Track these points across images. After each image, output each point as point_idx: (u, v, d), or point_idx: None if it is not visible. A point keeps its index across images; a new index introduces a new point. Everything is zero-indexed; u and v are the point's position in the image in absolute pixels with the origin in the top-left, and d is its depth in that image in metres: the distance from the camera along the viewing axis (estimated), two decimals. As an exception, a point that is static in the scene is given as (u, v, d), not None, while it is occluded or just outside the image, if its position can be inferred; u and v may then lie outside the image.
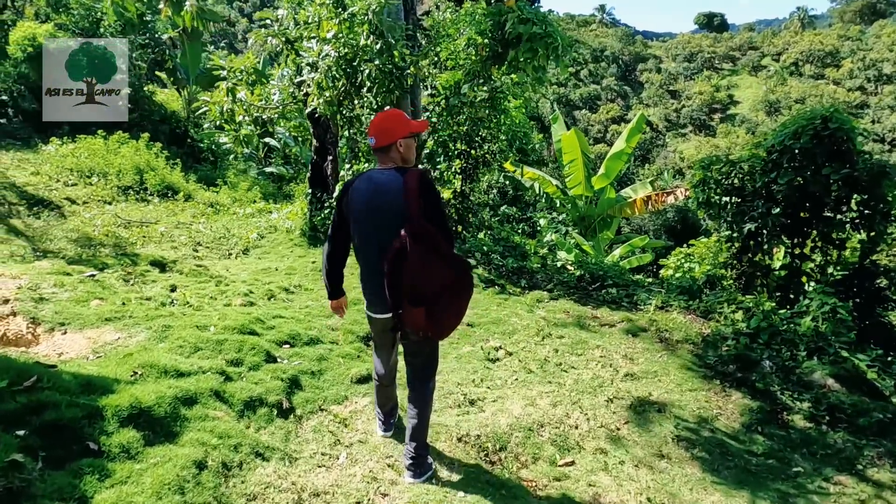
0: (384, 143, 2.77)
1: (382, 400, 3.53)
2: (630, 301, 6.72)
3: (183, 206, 9.42)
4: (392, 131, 2.78)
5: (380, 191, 2.74)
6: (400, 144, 2.79)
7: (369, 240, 2.80)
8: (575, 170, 12.85)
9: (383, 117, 2.83)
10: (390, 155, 2.81)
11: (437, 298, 2.65)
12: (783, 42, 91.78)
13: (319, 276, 6.75)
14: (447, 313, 2.74)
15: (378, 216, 2.73)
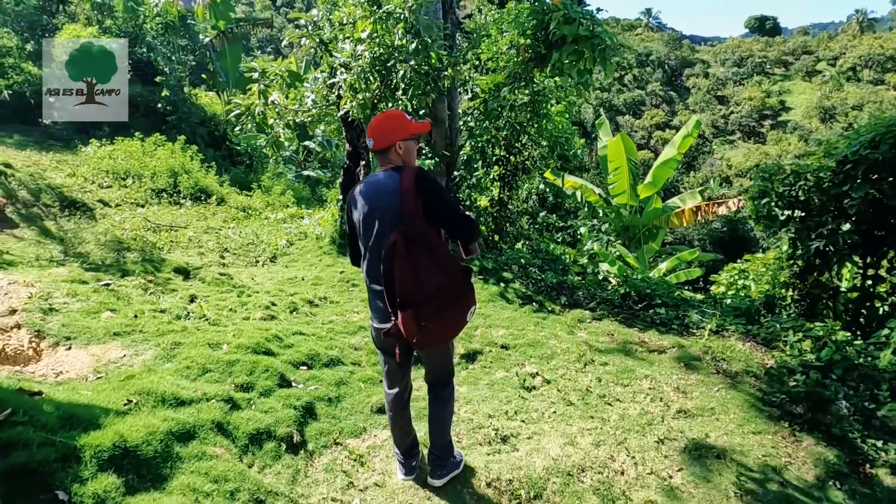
0: (383, 146, 2.66)
1: (399, 435, 3.14)
2: (681, 323, 6.15)
3: (215, 210, 9.28)
4: (391, 133, 2.66)
5: (377, 192, 2.63)
6: (399, 146, 2.68)
7: (369, 244, 2.67)
8: (620, 177, 12.24)
9: (383, 118, 2.70)
10: (389, 157, 2.69)
11: (425, 302, 2.45)
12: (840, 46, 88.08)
13: (346, 287, 6.43)
14: (435, 320, 2.49)
15: (375, 218, 2.62)
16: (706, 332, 5.76)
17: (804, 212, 7.03)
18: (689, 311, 6.68)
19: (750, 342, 5.55)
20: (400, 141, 2.67)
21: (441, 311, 2.49)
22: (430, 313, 2.46)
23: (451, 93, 8.18)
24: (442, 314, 2.51)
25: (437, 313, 2.48)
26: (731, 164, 69.30)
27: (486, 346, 5.12)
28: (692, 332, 5.97)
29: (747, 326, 5.96)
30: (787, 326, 5.58)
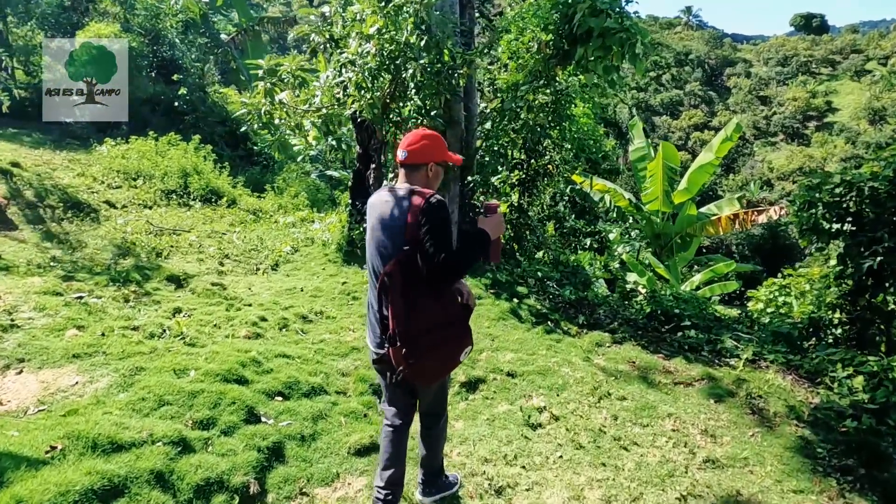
0: (416, 161, 2.54)
1: (387, 458, 2.78)
2: (712, 349, 5.53)
3: (223, 212, 9.00)
4: (429, 152, 2.56)
5: (389, 209, 2.48)
6: (431, 168, 2.58)
7: (370, 258, 2.59)
8: (654, 183, 11.55)
9: (424, 135, 2.59)
10: (417, 175, 2.56)
11: (418, 338, 2.34)
12: (892, 45, 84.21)
13: (346, 300, 6.00)
14: (426, 357, 2.38)
15: (379, 234, 2.50)
16: (741, 361, 5.14)
17: (855, 225, 6.33)
18: (723, 333, 6.04)
19: (791, 376, 4.90)
20: (434, 163, 2.58)
21: (434, 349, 2.39)
22: (422, 351, 2.34)
23: (468, 92, 7.69)
24: (434, 353, 2.40)
25: (429, 351, 2.37)
26: (772, 166, 66.88)
27: (491, 373, 4.62)
28: (725, 359, 5.35)
29: (788, 356, 5.31)
30: (835, 359, 4.92)
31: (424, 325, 2.33)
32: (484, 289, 6.46)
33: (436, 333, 2.36)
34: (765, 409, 4.35)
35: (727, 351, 5.53)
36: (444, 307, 2.41)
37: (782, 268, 21.14)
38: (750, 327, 7.39)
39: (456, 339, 2.46)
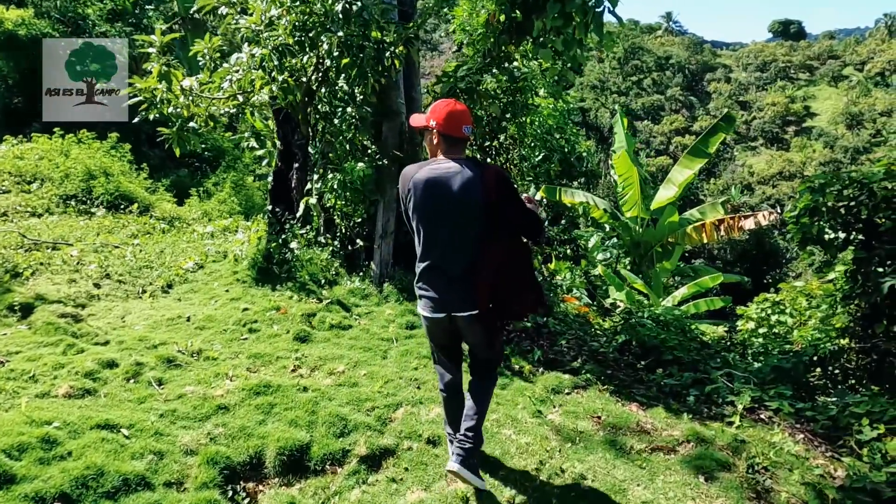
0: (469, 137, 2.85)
1: (452, 413, 3.10)
2: (700, 392, 4.38)
3: (129, 220, 7.71)
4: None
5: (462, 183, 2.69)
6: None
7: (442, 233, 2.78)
8: (630, 189, 10.46)
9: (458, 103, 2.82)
10: (464, 148, 2.85)
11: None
12: (868, 51, 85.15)
13: (241, 332, 4.75)
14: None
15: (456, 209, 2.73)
16: (737, 411, 3.98)
17: (868, 235, 5.25)
18: (712, 370, 4.90)
19: (803, 434, 3.75)
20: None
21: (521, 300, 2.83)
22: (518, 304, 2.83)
23: (408, 77, 6.51)
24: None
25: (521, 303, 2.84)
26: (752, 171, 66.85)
27: (405, 440, 3.41)
28: (716, 407, 4.20)
29: (795, 402, 4.17)
30: (857, 411, 3.78)
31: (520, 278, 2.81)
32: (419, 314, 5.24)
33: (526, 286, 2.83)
34: (773, 490, 3.18)
35: (719, 395, 4.38)
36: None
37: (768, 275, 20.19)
38: (742, 355, 6.28)
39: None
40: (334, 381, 3.96)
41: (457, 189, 2.65)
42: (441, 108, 2.74)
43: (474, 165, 2.70)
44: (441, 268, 2.78)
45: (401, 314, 5.18)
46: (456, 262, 2.74)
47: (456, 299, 2.76)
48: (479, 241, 2.69)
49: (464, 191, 2.64)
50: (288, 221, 6.29)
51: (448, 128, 2.71)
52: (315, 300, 5.31)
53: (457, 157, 2.73)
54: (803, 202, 5.43)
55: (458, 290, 2.75)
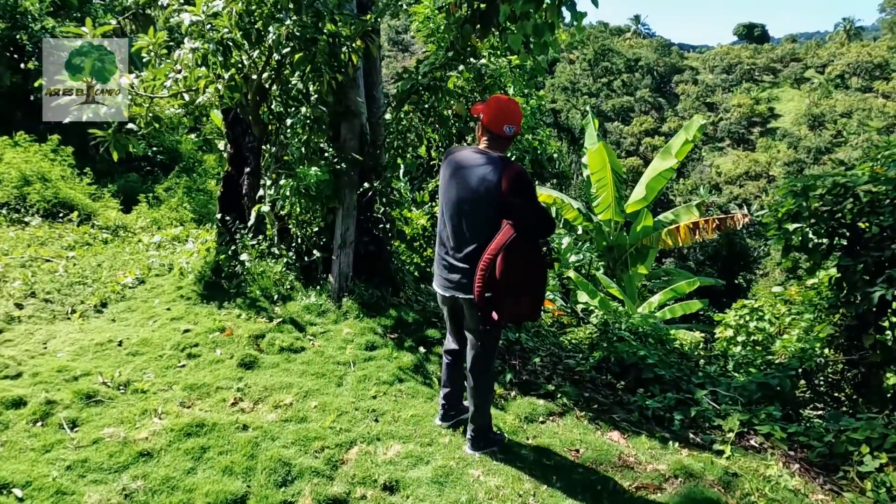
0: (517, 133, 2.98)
1: (444, 380, 3.49)
2: (685, 415, 4.04)
3: (67, 230, 7.08)
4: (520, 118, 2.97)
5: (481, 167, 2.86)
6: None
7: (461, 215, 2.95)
8: (603, 190, 10.16)
9: (519, 106, 2.99)
10: (505, 144, 3.00)
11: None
12: (828, 54, 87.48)
13: (179, 359, 4.24)
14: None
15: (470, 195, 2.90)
16: (729, 438, 3.65)
17: (852, 241, 5.02)
18: (695, 388, 4.57)
19: (798, 464, 3.43)
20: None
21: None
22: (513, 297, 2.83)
23: (369, 74, 6.06)
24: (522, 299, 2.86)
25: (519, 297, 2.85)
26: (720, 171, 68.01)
27: (359, 486, 2.96)
28: (703, 433, 3.86)
29: (787, 426, 3.85)
30: (855, 437, 3.46)
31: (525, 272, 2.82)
32: (382, 333, 4.80)
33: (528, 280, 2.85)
34: (772, 534, 2.83)
35: (704, 418, 4.05)
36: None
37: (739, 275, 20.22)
38: (723, 368, 6.00)
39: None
40: (280, 416, 3.49)
41: (476, 178, 2.82)
42: (492, 102, 2.96)
43: (500, 161, 2.83)
44: (448, 248, 2.99)
45: (360, 333, 4.73)
46: (461, 245, 2.91)
47: (456, 281, 2.96)
48: (488, 232, 2.79)
49: (481, 181, 2.80)
50: (238, 231, 5.78)
51: (491, 122, 2.90)
52: (265, 319, 4.83)
53: (492, 150, 2.91)
54: (786, 206, 5.15)
55: (460, 273, 2.93)
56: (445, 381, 3.49)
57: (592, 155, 9.91)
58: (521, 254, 2.75)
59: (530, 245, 2.80)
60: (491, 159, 2.84)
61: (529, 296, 2.85)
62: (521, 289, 2.81)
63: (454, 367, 3.43)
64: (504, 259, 2.72)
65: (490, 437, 3.33)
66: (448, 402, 3.53)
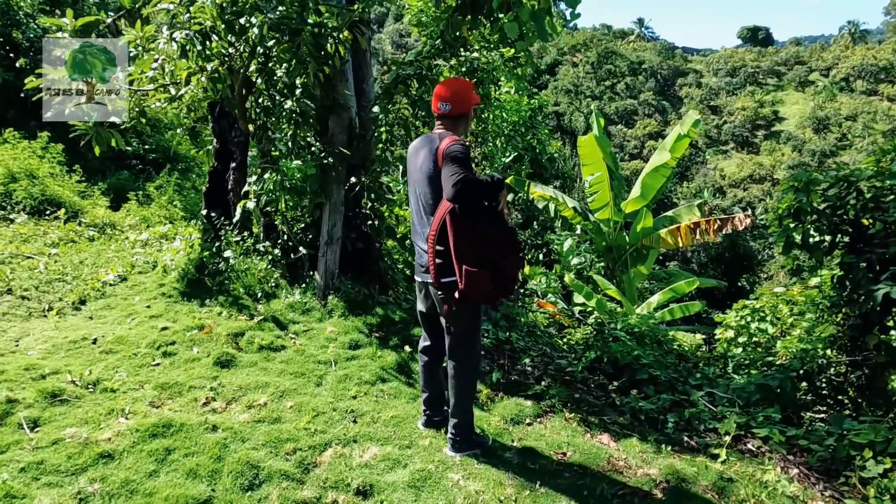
0: (460, 111, 2.87)
1: (423, 383, 3.31)
2: (679, 417, 3.86)
3: (53, 227, 6.95)
4: (468, 98, 2.89)
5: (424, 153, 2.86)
6: (471, 114, 2.99)
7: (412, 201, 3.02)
8: (599, 187, 9.98)
9: (457, 82, 2.96)
10: (458, 126, 2.92)
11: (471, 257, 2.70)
12: (832, 57, 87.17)
13: (153, 357, 4.09)
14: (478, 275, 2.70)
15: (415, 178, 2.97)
16: (722, 438, 3.48)
17: (855, 238, 4.85)
18: (692, 389, 4.40)
19: (797, 469, 3.25)
20: (471, 109, 2.92)
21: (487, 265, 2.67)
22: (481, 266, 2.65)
23: (359, 67, 5.91)
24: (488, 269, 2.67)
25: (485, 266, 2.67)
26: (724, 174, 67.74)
27: (330, 491, 2.80)
28: (698, 436, 3.68)
29: (786, 429, 3.67)
30: (858, 441, 3.28)
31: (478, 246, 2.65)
32: (367, 331, 4.65)
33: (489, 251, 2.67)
34: (769, 544, 2.66)
35: (700, 420, 3.87)
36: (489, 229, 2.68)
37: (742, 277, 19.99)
38: (723, 369, 5.82)
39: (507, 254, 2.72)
40: (252, 417, 3.34)
41: (420, 160, 2.84)
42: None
43: (437, 138, 2.80)
44: (414, 234, 3.00)
45: (344, 332, 4.57)
46: (423, 228, 2.90)
47: (420, 266, 2.98)
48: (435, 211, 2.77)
49: (423, 161, 2.81)
50: (224, 227, 5.64)
51: (433, 103, 2.92)
52: (246, 317, 4.68)
53: (438, 130, 2.90)
54: (786, 202, 4.98)
55: (422, 256, 2.92)
56: (424, 384, 3.31)
57: (583, 145, 9.64)
58: (463, 226, 2.63)
59: (468, 215, 2.65)
60: (430, 139, 2.85)
61: (488, 269, 2.66)
62: (476, 262, 2.64)
63: (431, 366, 3.25)
64: (453, 234, 2.64)
65: (472, 439, 3.16)
66: (430, 408, 3.36)
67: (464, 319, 2.93)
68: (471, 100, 2.90)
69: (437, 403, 3.36)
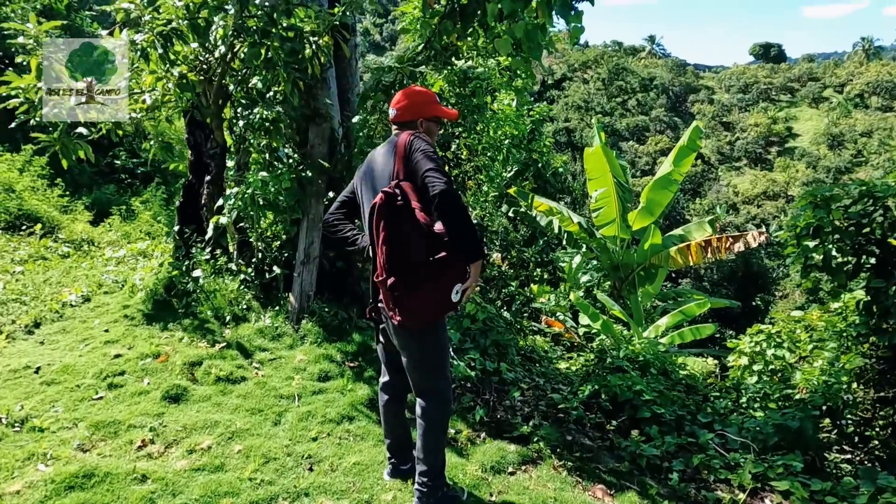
0: (405, 118, 2.58)
1: (386, 428, 2.85)
2: (686, 464, 3.39)
3: (25, 243, 6.63)
4: (419, 107, 2.59)
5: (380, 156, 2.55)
6: (422, 124, 2.59)
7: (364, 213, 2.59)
8: (606, 202, 9.54)
9: (414, 91, 2.66)
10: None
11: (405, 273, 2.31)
12: (846, 73, 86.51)
13: (98, 389, 3.68)
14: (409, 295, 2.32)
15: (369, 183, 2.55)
16: (736, 494, 3.00)
17: (883, 260, 4.39)
18: (700, 429, 3.92)
19: (825, 533, 2.76)
20: (424, 119, 2.59)
21: (422, 282, 2.31)
22: (409, 284, 2.30)
23: (343, 76, 5.57)
24: (423, 286, 2.32)
25: (418, 285, 2.31)
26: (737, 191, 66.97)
27: (268, 560, 2.36)
28: (707, 489, 3.20)
29: (810, 480, 3.18)
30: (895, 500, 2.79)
31: (414, 258, 2.29)
32: (340, 360, 4.22)
33: (425, 268, 2.30)
34: None
35: (709, 468, 3.39)
36: (433, 242, 2.31)
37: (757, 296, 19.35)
38: (736, 401, 5.32)
39: (444, 273, 2.32)
40: (191, 464, 2.91)
41: (377, 169, 2.51)
42: None
43: (396, 137, 2.52)
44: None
45: (315, 360, 4.15)
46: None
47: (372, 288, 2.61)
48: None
49: (382, 169, 2.48)
50: (196, 244, 5.27)
51: None
52: (208, 343, 4.27)
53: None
54: (805, 219, 4.53)
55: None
56: (386, 429, 2.87)
57: (590, 157, 9.19)
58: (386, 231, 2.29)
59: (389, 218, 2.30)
60: (390, 141, 2.54)
61: (429, 283, 2.31)
62: (410, 275, 2.29)
63: (393, 407, 2.81)
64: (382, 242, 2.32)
65: (443, 494, 2.69)
66: (395, 455, 2.90)
67: (421, 345, 2.50)
68: (424, 110, 2.58)
69: (403, 449, 2.90)
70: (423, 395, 2.58)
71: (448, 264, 2.31)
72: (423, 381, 2.56)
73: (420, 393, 2.59)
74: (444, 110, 2.67)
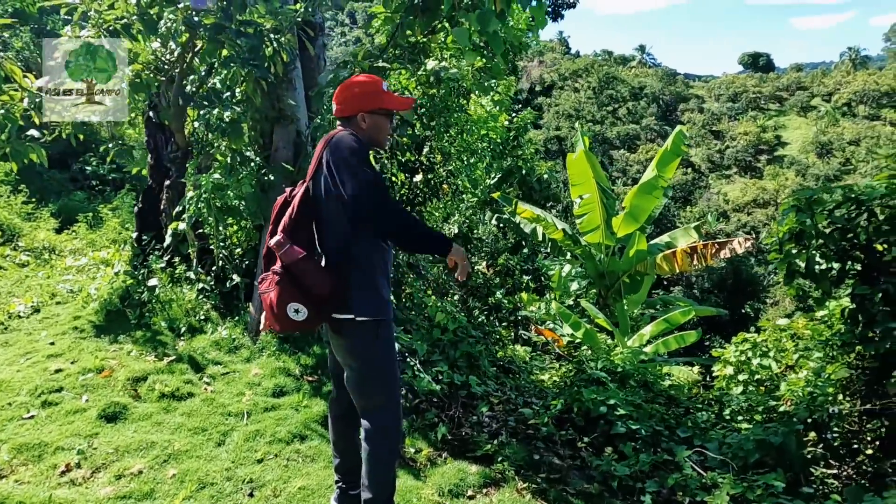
0: (345, 114, 2.36)
1: (334, 444, 2.62)
2: (660, 485, 3.17)
3: (-18, 252, 6.36)
4: (358, 100, 2.34)
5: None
6: (364, 119, 2.34)
7: None
8: (590, 208, 9.35)
9: (352, 81, 2.42)
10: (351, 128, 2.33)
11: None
12: (834, 82, 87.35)
13: (31, 407, 3.42)
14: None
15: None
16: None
17: (868, 266, 4.20)
18: (678, 445, 3.70)
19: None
20: (365, 112, 2.33)
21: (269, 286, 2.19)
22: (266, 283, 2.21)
23: (310, 76, 5.36)
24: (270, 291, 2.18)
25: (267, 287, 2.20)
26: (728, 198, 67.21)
27: None
28: (682, 509, 2.98)
29: (793, 502, 2.97)
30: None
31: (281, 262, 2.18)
32: (298, 374, 3.98)
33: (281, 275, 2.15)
34: None
35: (685, 489, 3.17)
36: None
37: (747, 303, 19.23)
38: (719, 414, 5.11)
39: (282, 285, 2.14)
40: (117, 491, 2.66)
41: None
42: None
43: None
44: None
45: (271, 374, 3.91)
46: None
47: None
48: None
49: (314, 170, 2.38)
50: (154, 252, 5.02)
51: None
52: (157, 357, 4.02)
53: None
54: (788, 224, 4.34)
55: None
56: (335, 448, 2.62)
57: (573, 163, 9.01)
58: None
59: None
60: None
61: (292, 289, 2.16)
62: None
63: (340, 425, 2.57)
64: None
65: None
66: (343, 478, 2.62)
67: (365, 361, 2.29)
68: (363, 103, 2.33)
69: (354, 472, 2.61)
70: (366, 416, 2.36)
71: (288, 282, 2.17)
72: (364, 400, 2.34)
73: (363, 413, 2.37)
74: (391, 100, 2.40)
